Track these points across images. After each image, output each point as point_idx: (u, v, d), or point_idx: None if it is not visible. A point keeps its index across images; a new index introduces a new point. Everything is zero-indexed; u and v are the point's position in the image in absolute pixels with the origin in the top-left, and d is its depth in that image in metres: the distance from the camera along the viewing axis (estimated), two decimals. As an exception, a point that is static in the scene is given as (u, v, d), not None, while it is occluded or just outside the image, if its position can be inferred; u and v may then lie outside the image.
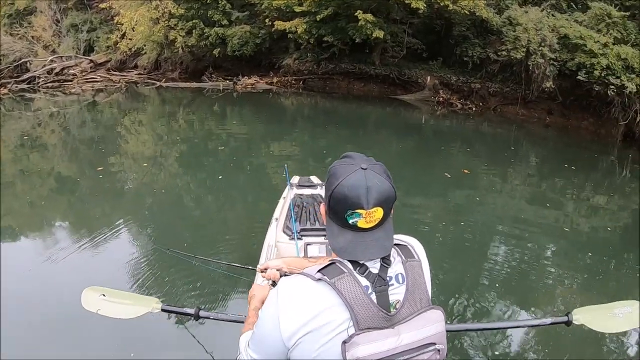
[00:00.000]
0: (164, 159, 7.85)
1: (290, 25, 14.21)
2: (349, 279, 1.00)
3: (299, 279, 1.05)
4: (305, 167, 7.26)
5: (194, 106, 13.47)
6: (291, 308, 1.01)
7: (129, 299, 1.89)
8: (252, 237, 4.30)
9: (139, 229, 4.83)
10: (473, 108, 14.36)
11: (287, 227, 3.13)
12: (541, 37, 12.42)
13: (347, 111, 13.52)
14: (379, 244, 1.04)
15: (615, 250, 5.31)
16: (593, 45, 11.82)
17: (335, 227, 1.06)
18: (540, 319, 1.69)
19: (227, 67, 16.99)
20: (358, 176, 1.00)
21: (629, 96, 11.63)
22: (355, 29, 13.65)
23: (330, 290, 0.99)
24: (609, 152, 12.07)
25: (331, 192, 1.02)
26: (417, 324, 1.02)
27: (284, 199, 3.69)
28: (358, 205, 1.00)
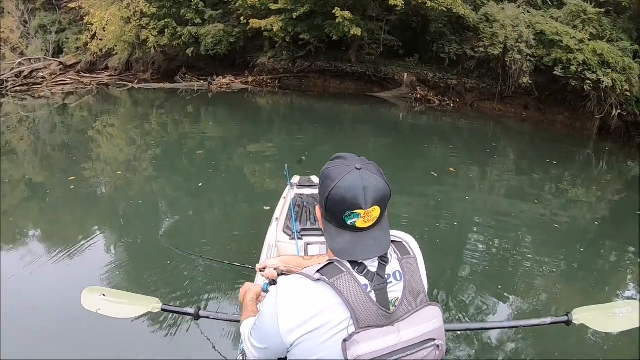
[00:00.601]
0: (138, 163, 7.52)
1: (266, 23, 13.96)
2: (348, 278, 1.01)
3: (297, 279, 1.05)
4: (283, 166, 7.07)
5: (168, 107, 13.10)
6: (290, 308, 1.01)
7: (129, 298, 1.85)
8: (237, 238, 4.38)
9: (118, 235, 4.67)
10: (451, 104, 14.42)
11: (287, 227, 3.13)
12: (518, 34, 12.56)
13: (323, 109, 13.37)
14: (378, 243, 1.04)
15: (600, 241, 5.51)
16: (569, 41, 12.00)
17: (332, 228, 1.06)
18: (540, 318, 1.66)
19: (200, 66, 16.62)
20: (354, 177, 1.01)
21: (605, 91, 11.82)
22: (332, 26, 13.50)
23: (329, 290, 0.99)
24: (585, 145, 12.24)
25: (328, 195, 1.03)
26: (416, 321, 1.03)
27: (284, 198, 3.68)
28: (356, 206, 1.00)
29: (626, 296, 4.35)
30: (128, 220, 5.09)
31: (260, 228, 4.17)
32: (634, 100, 12.34)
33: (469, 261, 4.46)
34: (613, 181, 9.56)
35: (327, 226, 1.09)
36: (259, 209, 5.02)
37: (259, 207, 5.13)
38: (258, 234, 4.01)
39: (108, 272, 3.77)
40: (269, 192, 5.91)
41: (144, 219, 5.07)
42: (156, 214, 5.31)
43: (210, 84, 15.30)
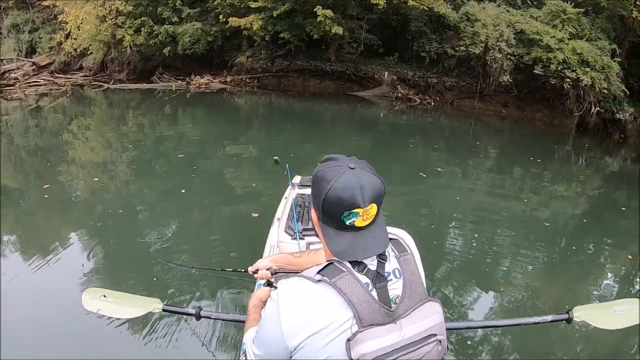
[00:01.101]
0: (115, 166, 7.20)
1: (246, 22, 13.75)
2: (349, 277, 1.00)
3: (297, 281, 1.04)
4: (266, 168, 6.93)
5: (144, 108, 12.79)
6: (292, 311, 1.01)
7: (129, 299, 1.84)
8: (224, 243, 4.28)
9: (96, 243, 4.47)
10: (432, 103, 14.47)
11: (289, 227, 3.14)
12: (499, 33, 12.68)
13: (303, 109, 13.25)
14: (378, 240, 1.05)
15: (589, 236, 5.65)
16: (549, 41, 12.19)
17: (331, 230, 1.06)
18: (540, 316, 1.66)
19: (177, 66, 16.27)
20: (349, 176, 1.01)
21: (584, 89, 12.03)
22: (313, 25, 13.37)
23: (331, 291, 0.99)
24: (565, 142, 12.42)
25: (324, 197, 1.02)
26: (417, 317, 1.03)
27: (285, 199, 3.69)
28: (355, 205, 1.00)
29: (609, 285, 4.51)
30: (107, 229, 4.82)
31: (248, 232, 4.07)
32: (611, 97, 12.56)
33: (460, 260, 4.50)
34: (592, 176, 9.78)
35: (324, 229, 1.08)
36: (244, 213, 4.90)
37: (243, 210, 5.00)
38: (245, 238, 3.90)
39: (87, 281, 3.66)
40: (251, 194, 5.78)
41: (125, 228, 4.83)
42: (139, 222, 5.07)
43: (189, 84, 14.98)
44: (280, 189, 5.76)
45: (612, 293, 4.34)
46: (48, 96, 14.24)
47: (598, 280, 4.60)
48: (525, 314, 3.62)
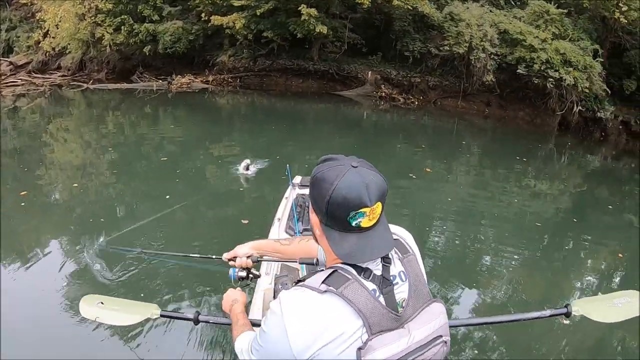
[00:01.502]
0: (95, 169, 6.96)
1: (228, 20, 13.57)
2: (356, 285, 0.98)
3: (301, 292, 1.00)
4: (251, 168, 6.74)
5: (124, 109, 12.52)
6: (300, 325, 0.96)
7: (127, 306, 1.81)
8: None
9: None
10: (415, 102, 14.49)
11: (289, 227, 3.13)
12: (483, 33, 12.78)
13: (285, 108, 13.15)
14: (384, 240, 1.02)
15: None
16: (533, 41, 12.35)
17: (335, 233, 1.01)
18: (539, 311, 1.65)
19: (157, 65, 15.94)
20: (352, 175, 0.97)
21: (567, 88, 12.20)
22: (297, 24, 13.27)
23: (338, 301, 0.96)
24: (547, 141, 12.55)
25: (328, 198, 0.97)
26: (425, 319, 1.02)
27: (286, 199, 3.68)
28: (362, 205, 0.96)
29: (597, 280, 4.61)
30: (88, 238, 4.56)
31: (239, 241, 3.89)
32: (592, 97, 12.72)
33: (452, 258, 4.52)
34: (575, 174, 10.02)
35: (328, 232, 1.02)
36: (232, 219, 4.72)
37: (232, 216, 4.82)
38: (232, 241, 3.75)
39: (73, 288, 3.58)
40: (238, 199, 5.57)
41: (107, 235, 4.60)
42: (120, 229, 4.79)
43: (170, 84, 14.73)
44: (267, 192, 5.68)
45: (601, 287, 4.44)
46: (26, 97, 13.87)
47: (587, 276, 4.71)
48: (517, 309, 3.72)
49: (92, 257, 4.01)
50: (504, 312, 3.56)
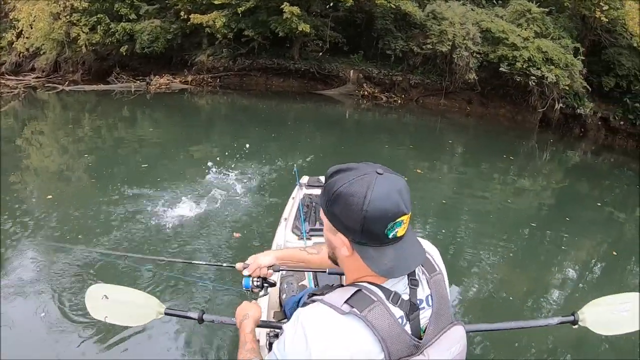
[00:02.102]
0: (71, 178, 6.64)
1: (208, 19, 13.31)
2: (381, 308, 0.92)
3: (324, 312, 0.93)
4: (236, 176, 6.51)
5: (101, 111, 12.12)
6: (324, 347, 0.89)
7: (132, 298, 1.78)
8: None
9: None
10: (398, 101, 14.49)
11: (296, 227, 3.12)
12: (466, 31, 12.87)
13: (266, 109, 12.93)
14: (417, 248, 0.98)
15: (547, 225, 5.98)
16: (515, 39, 12.52)
17: (370, 250, 0.93)
18: (547, 319, 1.68)
19: (134, 66, 15.59)
20: (383, 184, 0.90)
21: (548, 86, 12.39)
22: (278, 22, 13.10)
23: (361, 325, 0.90)
24: (529, 137, 12.71)
25: (364, 214, 0.88)
26: (444, 345, 0.98)
27: (293, 199, 3.66)
28: (400, 213, 0.90)
29: (589, 274, 4.73)
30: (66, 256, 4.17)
31: (233, 258, 3.76)
32: (572, 94, 12.91)
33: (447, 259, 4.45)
34: (556, 170, 10.22)
35: (362, 251, 0.94)
36: (223, 232, 4.47)
37: (222, 229, 4.55)
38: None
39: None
40: (227, 209, 5.15)
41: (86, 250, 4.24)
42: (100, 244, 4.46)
43: (148, 85, 14.39)
44: (257, 200, 5.49)
45: (598, 284, 4.56)
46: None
47: (583, 274, 4.79)
48: (516, 308, 3.73)
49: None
50: (502, 314, 3.61)
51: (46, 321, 3.13)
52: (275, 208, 4.87)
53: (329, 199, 0.94)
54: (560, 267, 4.91)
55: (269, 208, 5.12)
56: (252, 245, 4.25)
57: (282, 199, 5.41)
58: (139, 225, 4.60)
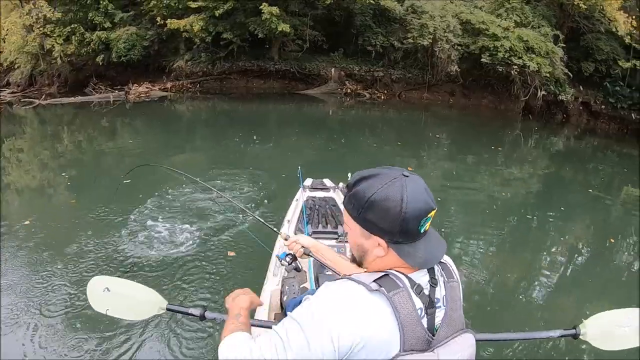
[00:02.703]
0: (54, 189, 6.49)
1: (185, 23, 13.16)
2: (406, 296, 0.95)
3: (352, 286, 0.95)
4: (220, 177, 6.43)
5: (80, 124, 11.84)
6: (349, 320, 0.90)
7: (134, 292, 1.75)
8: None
9: None
10: (382, 97, 14.46)
11: (298, 229, 3.11)
12: (446, 24, 12.90)
13: (248, 111, 12.83)
14: (440, 240, 1.04)
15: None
16: (496, 29, 12.61)
17: (405, 247, 0.98)
18: (548, 331, 1.67)
19: (111, 75, 15.33)
20: (413, 184, 0.97)
21: (530, 74, 12.50)
22: (257, 23, 12.98)
23: (386, 304, 0.93)
24: (513, 126, 12.76)
25: (403, 215, 0.94)
26: (455, 349, 0.99)
27: (296, 201, 3.65)
28: (430, 209, 0.97)
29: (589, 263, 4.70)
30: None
31: (229, 280, 3.65)
32: (553, 81, 13.00)
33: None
34: (542, 157, 10.32)
35: (398, 249, 0.99)
36: (216, 251, 4.18)
37: (215, 247, 4.26)
38: (227, 287, 3.54)
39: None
40: (217, 223, 4.80)
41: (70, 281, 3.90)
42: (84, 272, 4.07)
43: (127, 94, 14.15)
44: (246, 207, 5.30)
45: (598, 273, 4.51)
46: (-26, 117, 13.12)
47: (582, 264, 4.78)
48: (515, 303, 3.70)
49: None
50: (500, 307, 3.61)
51: (46, 311, 3.14)
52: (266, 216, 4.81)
53: (361, 206, 0.98)
54: (551, 254, 4.92)
55: (259, 215, 4.93)
56: (248, 259, 4.00)
57: (272, 204, 5.33)
58: (123, 246, 4.36)
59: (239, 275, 3.70)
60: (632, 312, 1.68)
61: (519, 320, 3.54)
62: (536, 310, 3.71)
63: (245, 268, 3.81)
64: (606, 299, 3.94)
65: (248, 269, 3.77)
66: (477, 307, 3.60)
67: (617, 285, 4.36)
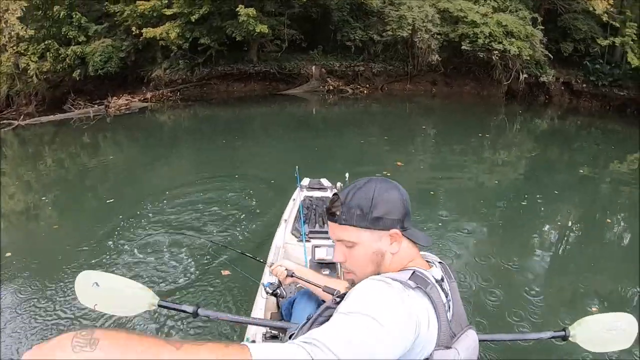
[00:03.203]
0: (40, 211, 6.26)
1: (161, 31, 12.94)
2: (436, 290, 0.96)
3: (395, 284, 0.91)
4: (207, 185, 6.31)
5: (60, 142, 11.57)
6: (409, 307, 0.88)
7: (124, 287, 1.72)
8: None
9: None
10: (364, 91, 14.42)
11: (295, 229, 3.13)
12: (424, 14, 12.87)
13: (230, 116, 12.61)
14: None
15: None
16: (474, 16, 12.68)
17: (409, 231, 1.06)
18: (538, 332, 1.72)
19: (89, 90, 14.98)
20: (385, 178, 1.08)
21: (512, 58, 12.62)
22: (234, 26, 12.83)
23: (427, 300, 0.93)
24: (497, 112, 12.78)
25: (404, 197, 1.06)
26: (467, 344, 0.99)
27: (293, 200, 3.66)
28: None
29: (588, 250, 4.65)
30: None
31: (217, 290, 3.52)
32: (533, 63, 13.06)
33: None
34: (528, 139, 10.44)
35: (408, 234, 1.06)
36: (212, 271, 3.89)
37: (211, 267, 3.95)
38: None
39: None
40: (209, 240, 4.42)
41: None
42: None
43: (108, 108, 13.87)
44: (233, 218, 5.14)
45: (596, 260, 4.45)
46: (-47, 144, 12.82)
47: (580, 250, 4.76)
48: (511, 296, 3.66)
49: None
50: (494, 297, 3.58)
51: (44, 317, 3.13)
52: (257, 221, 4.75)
53: (369, 206, 1.01)
54: (544, 237, 4.93)
55: (248, 224, 4.82)
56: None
57: (261, 210, 5.21)
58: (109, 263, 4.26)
59: (235, 290, 3.54)
60: (620, 316, 1.72)
61: (514, 313, 3.45)
62: (530, 300, 3.62)
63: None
64: (602, 279, 3.93)
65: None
66: (468, 302, 3.54)
67: (614, 263, 4.35)
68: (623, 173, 7.77)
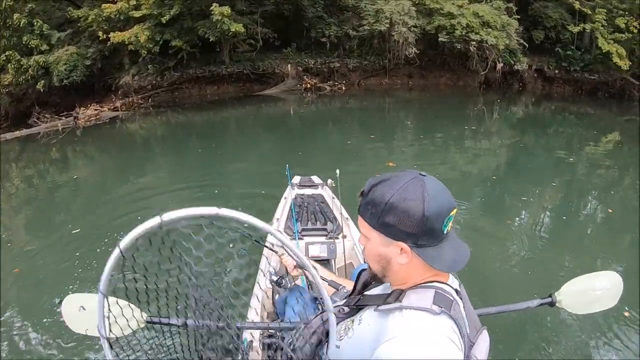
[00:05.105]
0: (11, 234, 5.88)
1: (130, 35, 12.37)
2: (458, 308, 0.95)
3: (419, 316, 0.91)
4: (187, 194, 6.17)
5: (27, 158, 10.97)
6: (455, 341, 0.89)
7: (111, 307, 1.48)
8: None
9: None
10: (342, 88, 14.29)
11: (288, 227, 3.11)
12: (401, 7, 12.82)
13: (204, 120, 12.22)
14: (461, 241, 1.01)
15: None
16: (451, 8, 12.76)
17: (429, 250, 0.94)
18: (526, 302, 1.68)
19: (55, 101, 14.23)
20: (431, 183, 0.94)
21: (489, 48, 12.73)
22: (207, 26, 12.42)
23: (452, 324, 0.91)
24: (475, 101, 12.87)
25: (425, 215, 0.91)
26: (481, 348, 0.98)
27: (285, 199, 3.63)
28: (452, 207, 0.95)
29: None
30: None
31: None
32: (507, 52, 13.21)
33: None
34: (508, 126, 10.70)
35: (422, 252, 0.94)
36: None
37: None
38: None
39: None
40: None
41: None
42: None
43: (77, 119, 13.24)
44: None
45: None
46: None
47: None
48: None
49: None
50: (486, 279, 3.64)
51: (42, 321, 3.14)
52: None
53: (380, 210, 0.94)
54: (528, 220, 5.09)
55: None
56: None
57: (249, 211, 5.00)
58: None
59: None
60: (605, 274, 1.72)
61: (500, 291, 3.61)
62: (515, 278, 3.80)
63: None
64: (582, 257, 4.14)
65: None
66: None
67: (592, 240, 4.65)
68: (598, 155, 8.07)
